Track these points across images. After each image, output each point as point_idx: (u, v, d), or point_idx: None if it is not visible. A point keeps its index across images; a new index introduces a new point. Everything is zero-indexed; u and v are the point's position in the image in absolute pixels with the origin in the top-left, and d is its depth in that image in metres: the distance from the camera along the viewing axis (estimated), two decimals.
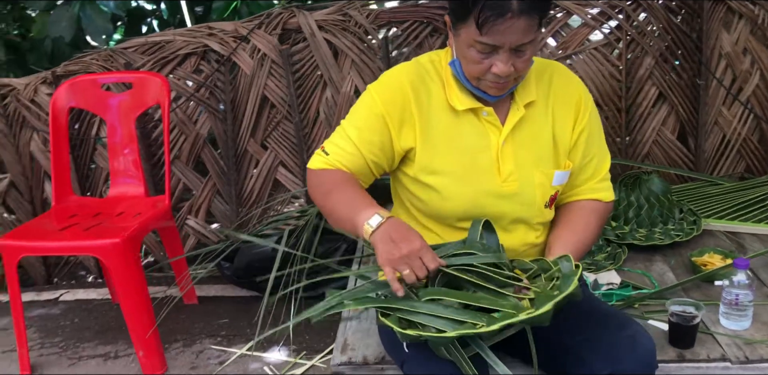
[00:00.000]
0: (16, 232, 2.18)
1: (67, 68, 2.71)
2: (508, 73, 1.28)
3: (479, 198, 1.39)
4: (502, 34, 1.22)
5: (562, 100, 1.42)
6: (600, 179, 1.48)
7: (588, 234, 1.44)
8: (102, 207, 2.35)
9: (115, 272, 2.07)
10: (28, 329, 2.58)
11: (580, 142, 1.44)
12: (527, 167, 1.40)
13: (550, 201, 1.44)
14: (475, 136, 1.39)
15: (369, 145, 1.38)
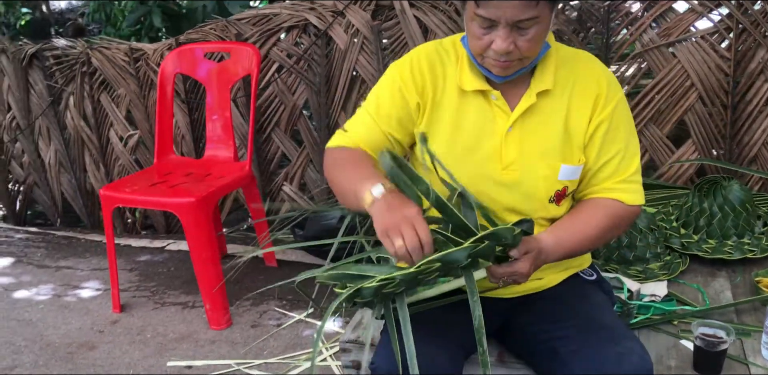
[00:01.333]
0: (116, 184, 2.42)
1: (188, 36, 2.93)
2: (507, 51, 1.20)
3: (477, 181, 1.33)
4: (496, 7, 1.16)
5: (582, 91, 1.32)
6: (622, 180, 1.34)
7: (591, 227, 1.31)
8: (194, 167, 2.54)
9: (187, 229, 2.24)
10: (131, 272, 2.89)
11: (597, 136, 1.32)
12: (532, 157, 1.33)
13: (557, 196, 1.35)
14: (482, 119, 1.34)
15: (387, 118, 1.37)
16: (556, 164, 1.33)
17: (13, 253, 3.17)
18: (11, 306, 2.66)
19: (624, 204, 1.35)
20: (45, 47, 3.27)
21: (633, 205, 1.36)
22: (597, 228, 1.32)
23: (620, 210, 1.35)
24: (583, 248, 1.34)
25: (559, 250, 1.27)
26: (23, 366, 2.25)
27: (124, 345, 2.33)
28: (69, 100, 3.32)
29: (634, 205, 1.36)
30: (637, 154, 1.37)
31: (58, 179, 3.57)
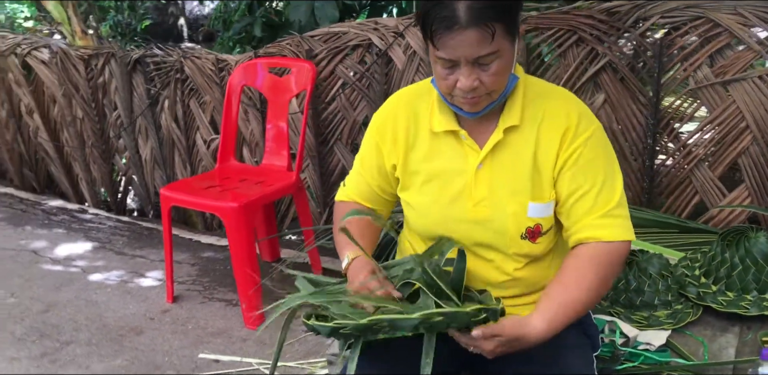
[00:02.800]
0: (177, 184, 2.62)
1: (267, 50, 3.10)
2: (472, 88, 1.22)
3: (447, 221, 1.37)
4: (454, 48, 1.18)
5: (550, 126, 1.31)
6: (601, 215, 1.29)
7: (582, 289, 1.25)
8: (250, 174, 2.70)
9: (229, 231, 2.39)
10: (193, 266, 3.09)
11: (565, 171, 1.30)
12: (502, 194, 1.33)
13: (530, 234, 1.34)
14: (453, 158, 1.36)
15: (370, 170, 1.47)
16: (525, 201, 1.32)
17: (99, 239, 3.48)
18: (84, 287, 2.93)
19: (605, 243, 1.28)
20: (147, 54, 3.57)
21: (616, 242, 1.29)
22: (588, 288, 1.25)
23: (604, 254, 1.28)
24: (580, 314, 1.27)
25: (549, 330, 1.21)
26: (78, 342, 2.48)
27: (167, 333, 2.52)
28: (164, 103, 3.60)
29: (617, 240, 1.29)
30: (618, 188, 1.31)
31: (152, 174, 3.87)
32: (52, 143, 4.18)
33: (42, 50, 3.95)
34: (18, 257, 3.24)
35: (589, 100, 2.32)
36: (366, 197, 1.50)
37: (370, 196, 1.50)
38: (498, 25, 1.18)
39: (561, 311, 1.23)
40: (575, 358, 1.33)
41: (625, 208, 1.32)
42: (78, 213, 3.92)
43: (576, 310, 1.25)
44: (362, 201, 1.51)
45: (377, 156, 1.45)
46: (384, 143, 1.43)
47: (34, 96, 4.10)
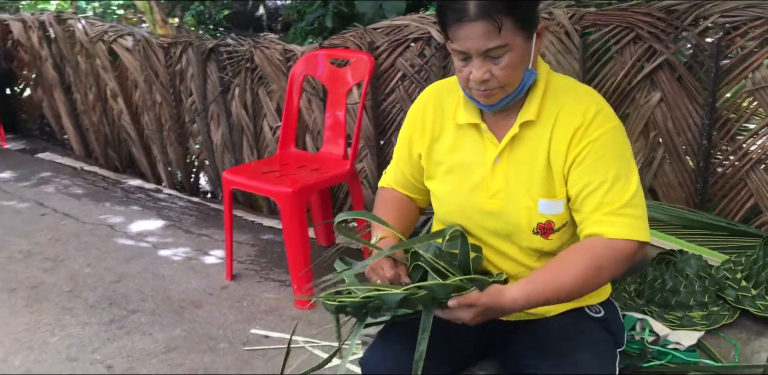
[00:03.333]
0: (238, 169, 2.76)
1: (331, 41, 3.20)
2: (483, 79, 1.27)
3: (466, 211, 1.43)
4: (464, 40, 1.24)
5: (564, 124, 1.33)
6: (608, 212, 1.29)
7: (568, 276, 1.26)
8: (308, 161, 2.81)
9: (283, 215, 2.51)
10: (253, 247, 3.25)
11: (575, 169, 1.32)
12: (517, 188, 1.37)
13: (541, 229, 1.37)
14: (474, 151, 1.42)
15: (404, 159, 1.55)
16: (537, 197, 1.36)
17: (170, 218, 3.69)
18: (153, 261, 3.12)
19: (607, 239, 1.28)
20: (220, 43, 3.73)
21: (619, 239, 1.28)
22: (575, 276, 1.26)
23: (603, 249, 1.28)
24: (561, 298, 1.29)
25: (526, 303, 1.25)
26: (143, 311, 2.67)
27: (223, 309, 2.67)
28: (235, 90, 3.76)
29: (620, 238, 1.28)
30: (630, 187, 1.31)
31: (222, 158, 4.05)
32: (133, 126, 4.42)
33: (126, 38, 4.19)
34: (96, 231, 3.48)
35: (644, 98, 2.30)
36: (402, 185, 1.59)
37: (405, 183, 1.58)
38: (506, 19, 1.22)
39: (541, 289, 1.25)
40: (590, 354, 1.36)
41: (637, 208, 1.30)
42: (153, 192, 4.15)
43: (557, 293, 1.26)
44: (399, 188, 1.59)
45: (408, 146, 1.52)
46: (414, 134, 1.50)
47: (119, 81, 4.35)
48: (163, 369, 2.28)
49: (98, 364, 2.32)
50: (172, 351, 2.39)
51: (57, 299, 2.76)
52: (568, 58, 2.40)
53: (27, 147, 5.07)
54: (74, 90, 4.68)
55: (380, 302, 1.26)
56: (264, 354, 2.36)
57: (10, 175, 4.38)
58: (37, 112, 5.18)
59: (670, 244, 2.03)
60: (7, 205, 3.84)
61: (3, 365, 2.32)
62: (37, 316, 2.63)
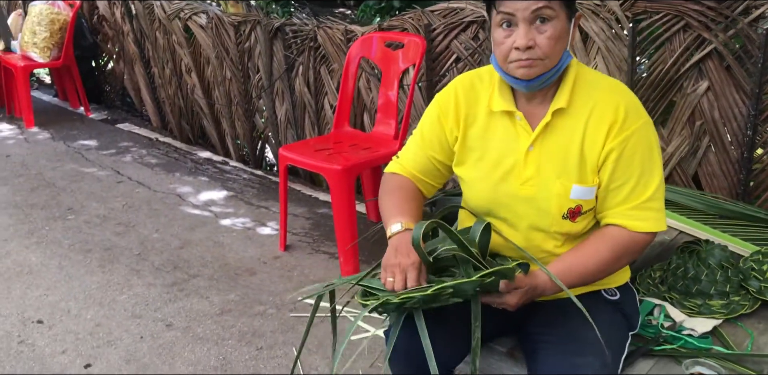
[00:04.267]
0: (294, 145, 2.91)
1: (390, 23, 3.29)
2: (527, 46, 1.32)
3: (497, 196, 1.50)
4: (514, 1, 1.30)
5: (599, 117, 1.40)
6: (634, 206, 1.40)
7: (593, 261, 1.40)
8: (360, 140, 2.93)
9: (332, 191, 2.64)
10: (308, 220, 3.41)
11: (608, 162, 1.40)
12: (548, 175, 1.44)
13: (570, 214, 1.45)
14: (507, 138, 1.48)
15: (430, 143, 1.59)
16: (569, 184, 1.43)
17: (234, 189, 3.89)
18: (215, 230, 3.33)
19: (631, 232, 1.41)
20: (286, 23, 3.87)
21: (641, 233, 1.41)
22: (599, 261, 1.41)
23: (626, 239, 1.41)
24: (586, 280, 1.43)
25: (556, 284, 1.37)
26: (202, 276, 2.88)
27: (275, 277, 2.85)
28: (299, 69, 3.91)
29: (642, 232, 1.41)
30: (654, 183, 1.40)
31: (285, 133, 4.23)
32: (205, 100, 4.64)
33: (201, 15, 4.38)
34: (166, 199, 3.72)
35: (692, 87, 2.29)
36: (422, 169, 1.61)
37: (427, 167, 1.60)
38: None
39: (568, 271, 1.39)
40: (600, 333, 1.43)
41: (658, 201, 1.41)
42: (220, 164, 4.37)
43: (582, 275, 1.40)
44: (418, 173, 1.61)
45: (439, 130, 1.56)
46: (446, 118, 1.55)
47: (193, 57, 4.56)
48: (217, 329, 2.48)
49: (159, 321, 2.54)
50: (226, 313, 2.58)
51: (127, 261, 3.01)
52: (618, 45, 2.41)
53: (109, 117, 5.39)
54: (152, 64, 4.94)
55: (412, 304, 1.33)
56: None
57: (93, 144, 4.70)
58: (119, 85, 5.49)
59: (702, 232, 2.05)
60: (89, 172, 4.14)
61: (76, 319, 2.57)
62: (109, 276, 2.88)
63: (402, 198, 1.56)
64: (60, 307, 2.65)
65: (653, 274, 1.88)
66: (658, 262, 1.93)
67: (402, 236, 1.44)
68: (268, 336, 2.43)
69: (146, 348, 2.38)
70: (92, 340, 2.43)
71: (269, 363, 2.28)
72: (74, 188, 3.87)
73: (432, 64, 3.11)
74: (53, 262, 3.00)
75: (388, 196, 1.59)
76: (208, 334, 2.45)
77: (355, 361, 2.25)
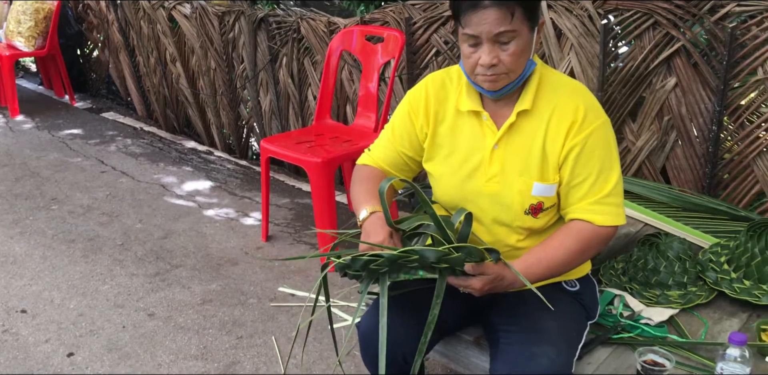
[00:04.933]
0: (275, 138, 2.95)
1: (372, 15, 3.32)
2: (491, 64, 1.39)
3: (464, 192, 1.57)
4: (477, 25, 1.36)
5: (560, 117, 1.47)
6: (594, 201, 1.47)
7: (560, 253, 1.47)
8: (341, 132, 2.97)
9: (312, 184, 2.69)
10: (290, 211, 3.46)
11: (569, 159, 1.47)
12: (511, 173, 1.51)
13: (532, 210, 1.52)
14: (474, 137, 1.55)
15: (400, 139, 1.65)
16: (531, 181, 1.50)
17: (218, 180, 3.94)
18: (198, 220, 3.38)
19: (594, 226, 1.48)
20: (270, 14, 3.89)
21: (602, 226, 1.48)
22: (565, 254, 1.47)
23: (589, 233, 1.48)
24: (553, 272, 1.49)
25: (528, 275, 1.43)
26: (185, 266, 2.93)
27: (256, 267, 2.90)
28: (282, 60, 3.94)
29: (605, 225, 1.48)
30: (613, 179, 1.47)
31: (270, 124, 4.26)
32: (190, 89, 4.67)
33: (185, 5, 4.39)
34: (150, 189, 3.76)
35: (660, 82, 2.36)
36: (391, 163, 1.67)
37: (396, 162, 1.66)
38: (518, 8, 1.35)
39: (536, 263, 1.46)
40: (557, 322, 1.51)
41: (617, 196, 1.48)
42: (205, 154, 4.41)
43: (550, 267, 1.46)
44: (387, 166, 1.67)
45: (410, 126, 1.62)
46: (417, 116, 1.61)
47: (177, 46, 4.58)
48: (198, 319, 2.54)
49: (141, 311, 2.60)
50: (207, 303, 2.64)
51: (110, 251, 3.06)
52: (590, 41, 2.46)
53: (94, 106, 5.40)
54: (137, 53, 4.95)
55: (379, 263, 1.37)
56: (288, 310, 2.58)
57: (77, 133, 4.72)
58: (104, 73, 5.50)
59: (666, 224, 2.12)
60: (73, 161, 4.17)
61: (60, 309, 2.62)
62: (92, 266, 2.93)
63: (370, 186, 1.61)
64: (43, 297, 2.70)
65: (616, 266, 1.95)
66: (623, 254, 2.00)
67: (369, 220, 1.50)
68: (249, 325, 2.50)
69: (128, 337, 2.43)
70: (75, 330, 2.48)
71: (249, 351, 2.35)
72: (58, 178, 3.91)
73: (413, 57, 3.15)
74: (37, 252, 3.05)
75: (357, 186, 1.64)
76: (190, 323, 2.51)
77: (332, 350, 2.32)
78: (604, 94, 2.48)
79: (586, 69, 2.50)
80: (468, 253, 1.38)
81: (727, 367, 1.40)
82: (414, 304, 1.56)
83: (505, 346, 1.48)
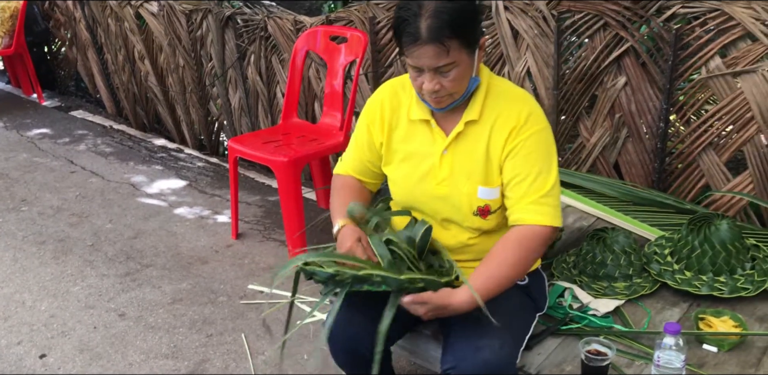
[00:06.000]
0: (242, 137, 3.00)
1: (337, 14, 3.37)
2: (434, 90, 1.48)
3: (417, 194, 1.66)
4: (418, 58, 1.44)
5: (503, 122, 1.55)
6: (532, 201, 1.54)
7: (504, 267, 1.52)
8: (308, 131, 3.03)
9: (280, 183, 2.75)
10: (260, 208, 3.51)
11: (509, 159, 1.56)
12: (459, 177, 1.60)
13: (480, 211, 1.60)
14: (425, 143, 1.63)
15: (363, 149, 1.74)
16: (476, 185, 1.59)
17: (188, 178, 3.97)
18: (168, 219, 3.42)
19: (531, 226, 1.54)
20: (237, 12, 3.92)
21: (540, 226, 1.54)
22: (513, 266, 1.53)
23: (528, 235, 1.54)
24: (506, 285, 1.54)
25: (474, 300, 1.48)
26: (155, 265, 2.98)
27: (226, 265, 2.96)
28: (251, 57, 3.97)
29: (541, 225, 1.54)
30: (550, 181, 1.55)
31: (239, 121, 4.30)
32: (159, 87, 4.68)
33: (152, 3, 4.39)
34: (119, 189, 3.79)
35: (611, 82, 2.44)
36: (359, 171, 1.79)
37: (362, 169, 1.78)
38: (453, 41, 1.42)
39: (486, 283, 1.50)
40: (506, 315, 1.58)
41: (554, 198, 1.56)
42: (175, 152, 4.44)
43: (500, 283, 1.52)
44: (357, 175, 1.79)
45: (369, 136, 1.72)
46: (374, 126, 1.71)
47: (145, 44, 4.58)
48: (168, 318, 2.59)
49: (112, 312, 2.64)
50: (177, 302, 2.70)
51: (80, 252, 3.09)
52: (544, 41, 2.54)
53: (62, 104, 5.38)
54: (105, 50, 4.94)
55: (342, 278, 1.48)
56: (258, 307, 2.65)
57: (46, 133, 4.71)
58: (73, 70, 5.48)
59: (616, 218, 2.22)
60: (42, 162, 4.18)
61: (31, 311, 2.66)
62: (62, 268, 2.96)
63: (343, 197, 1.73)
64: (15, 299, 2.73)
65: (568, 259, 2.05)
66: (574, 248, 2.09)
67: (342, 231, 1.62)
68: (219, 323, 2.56)
69: (99, 338, 2.48)
70: (47, 331, 2.53)
71: (219, 349, 2.41)
72: (27, 179, 3.91)
73: (377, 55, 3.21)
74: (7, 255, 3.07)
75: (332, 198, 1.77)
76: (160, 322, 2.57)
77: (300, 345, 2.39)
78: (559, 93, 2.56)
79: (542, 68, 2.58)
80: (428, 283, 1.47)
81: (663, 356, 1.49)
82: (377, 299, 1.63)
83: (453, 340, 1.57)
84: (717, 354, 1.65)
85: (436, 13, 1.39)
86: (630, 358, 1.66)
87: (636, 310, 1.85)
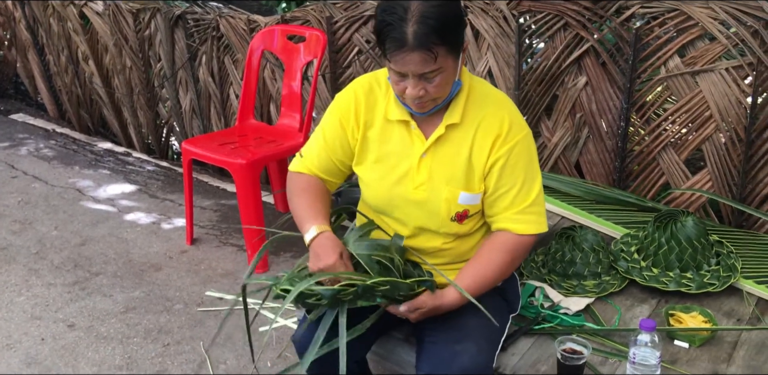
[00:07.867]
0: (197, 139, 2.91)
1: (293, 14, 3.30)
2: (417, 96, 1.44)
3: (392, 198, 1.60)
4: (403, 64, 1.39)
5: (486, 130, 1.52)
6: (518, 211, 1.54)
7: (491, 268, 1.54)
8: (265, 133, 2.96)
9: (238, 186, 2.67)
10: (215, 213, 3.41)
11: (494, 171, 1.53)
12: (439, 181, 1.55)
13: (458, 217, 1.57)
14: (402, 144, 1.58)
15: (332, 146, 1.65)
16: (457, 190, 1.55)
17: (138, 182, 3.84)
18: (118, 225, 3.29)
19: (518, 235, 1.55)
20: (187, 11, 3.81)
21: (526, 235, 1.55)
22: (496, 268, 1.55)
23: (514, 243, 1.55)
24: (490, 286, 1.57)
25: (464, 298, 1.51)
26: (105, 273, 2.85)
27: (181, 272, 2.86)
28: (202, 58, 3.86)
29: (527, 234, 1.55)
30: (535, 190, 1.55)
31: (191, 123, 4.18)
32: (104, 89, 4.51)
33: (97, 2, 4.24)
34: (64, 194, 3.63)
35: (572, 81, 2.46)
36: (325, 170, 1.67)
37: (329, 168, 1.67)
38: (441, 47, 1.37)
39: (472, 284, 1.52)
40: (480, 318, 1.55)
41: (539, 206, 1.56)
42: (123, 156, 4.29)
43: (484, 284, 1.53)
44: (321, 173, 1.68)
45: (341, 133, 1.63)
46: (347, 121, 1.62)
47: (90, 44, 4.42)
48: (122, 328, 2.48)
49: (61, 322, 2.51)
50: (131, 311, 2.58)
51: (24, 261, 2.94)
52: (505, 41, 2.54)
53: (2, 107, 5.15)
54: (47, 51, 4.75)
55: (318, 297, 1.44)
56: (217, 315, 2.56)
57: None
58: (12, 73, 5.25)
59: (581, 217, 2.22)
60: None
61: None
62: (5, 277, 2.81)
63: (311, 199, 1.62)
64: None
65: (536, 258, 2.04)
66: (542, 247, 2.08)
67: (318, 241, 1.52)
68: (176, 332, 2.46)
69: (48, 350, 2.35)
70: None
71: (176, 359, 2.31)
72: None
73: (335, 56, 3.16)
74: None
75: (297, 199, 1.65)
76: (113, 333, 2.45)
77: (264, 352, 2.31)
78: (520, 93, 2.56)
79: (503, 68, 2.58)
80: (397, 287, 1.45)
81: (638, 352, 1.48)
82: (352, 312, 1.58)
83: (429, 345, 1.53)
84: (689, 350, 1.66)
85: (422, 19, 1.34)
86: (603, 356, 1.66)
87: (606, 307, 1.85)
